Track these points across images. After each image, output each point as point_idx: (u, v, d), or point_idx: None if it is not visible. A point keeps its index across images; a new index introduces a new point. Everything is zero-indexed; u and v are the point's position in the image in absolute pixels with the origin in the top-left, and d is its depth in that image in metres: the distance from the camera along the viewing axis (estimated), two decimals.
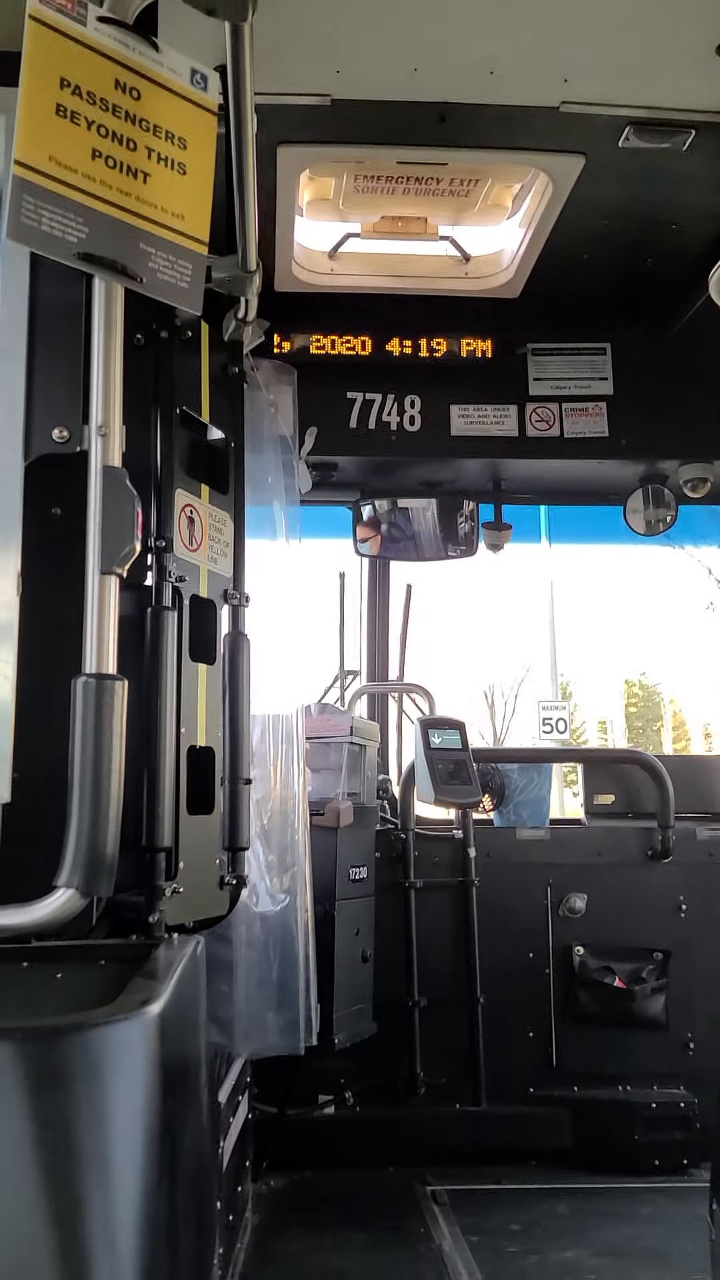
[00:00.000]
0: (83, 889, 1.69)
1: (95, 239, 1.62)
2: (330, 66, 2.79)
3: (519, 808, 4.39)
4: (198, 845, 2.43)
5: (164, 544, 2.30)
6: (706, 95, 2.83)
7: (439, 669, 29.40)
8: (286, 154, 3.12)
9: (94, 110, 1.62)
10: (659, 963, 4.09)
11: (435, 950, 4.10)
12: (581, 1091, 4.01)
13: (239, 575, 2.68)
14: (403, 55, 2.76)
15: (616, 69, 2.81)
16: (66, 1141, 1.32)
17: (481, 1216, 3.41)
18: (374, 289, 3.93)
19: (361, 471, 4.43)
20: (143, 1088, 1.45)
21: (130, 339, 2.31)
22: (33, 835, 1.88)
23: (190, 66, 1.75)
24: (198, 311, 1.86)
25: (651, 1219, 3.39)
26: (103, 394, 1.72)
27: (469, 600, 38.48)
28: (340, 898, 3.72)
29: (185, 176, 1.74)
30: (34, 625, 2.06)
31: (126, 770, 1.85)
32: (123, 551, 1.71)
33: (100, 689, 1.70)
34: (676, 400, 4.20)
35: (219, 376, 2.65)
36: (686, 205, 3.40)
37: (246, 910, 2.78)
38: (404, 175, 3.46)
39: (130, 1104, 1.43)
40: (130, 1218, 1.37)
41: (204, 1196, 2.12)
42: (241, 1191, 3.22)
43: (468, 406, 4.21)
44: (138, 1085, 1.44)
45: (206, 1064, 2.04)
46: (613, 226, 3.57)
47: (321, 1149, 3.88)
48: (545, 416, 4.21)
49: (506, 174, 3.49)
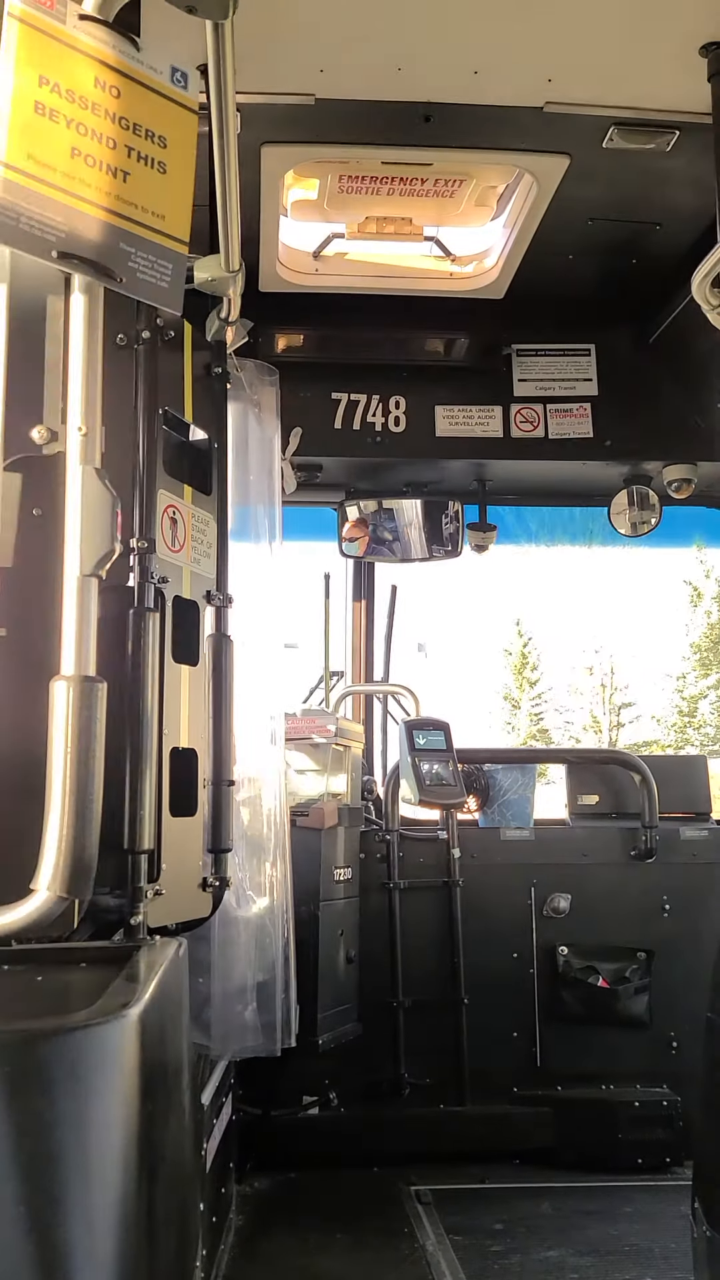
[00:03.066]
0: (62, 891, 1.68)
1: (74, 238, 1.61)
2: (314, 65, 2.79)
3: (503, 808, 4.39)
4: (180, 847, 2.42)
5: (146, 545, 2.29)
6: (690, 96, 2.84)
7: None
8: (270, 154, 3.11)
9: (73, 108, 1.61)
10: (642, 962, 4.11)
11: (420, 951, 4.10)
12: (565, 1091, 4.02)
13: (222, 576, 2.67)
14: (387, 55, 2.76)
15: (600, 70, 2.82)
16: (44, 1146, 1.31)
17: (465, 1216, 3.42)
18: (358, 290, 3.93)
19: (346, 473, 4.43)
20: (123, 1091, 1.45)
21: (112, 339, 2.30)
22: (12, 837, 1.87)
23: (171, 65, 1.74)
24: (178, 311, 1.85)
25: (634, 1217, 3.40)
26: (82, 394, 1.71)
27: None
28: (325, 899, 3.72)
29: (166, 175, 1.73)
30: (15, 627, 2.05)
31: (108, 772, 1.84)
32: (102, 553, 1.70)
33: (80, 691, 1.69)
34: (661, 401, 4.21)
35: (202, 377, 2.64)
36: (670, 205, 3.42)
37: (226, 912, 2.77)
38: (388, 175, 3.46)
39: (110, 1107, 1.42)
40: (109, 1221, 1.36)
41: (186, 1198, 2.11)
42: (225, 1193, 3.22)
43: (452, 407, 4.21)
44: (118, 1088, 1.44)
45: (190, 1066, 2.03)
46: (597, 227, 3.58)
47: (306, 1150, 3.87)
48: (530, 417, 4.22)
49: (491, 174, 3.49)
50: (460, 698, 31.69)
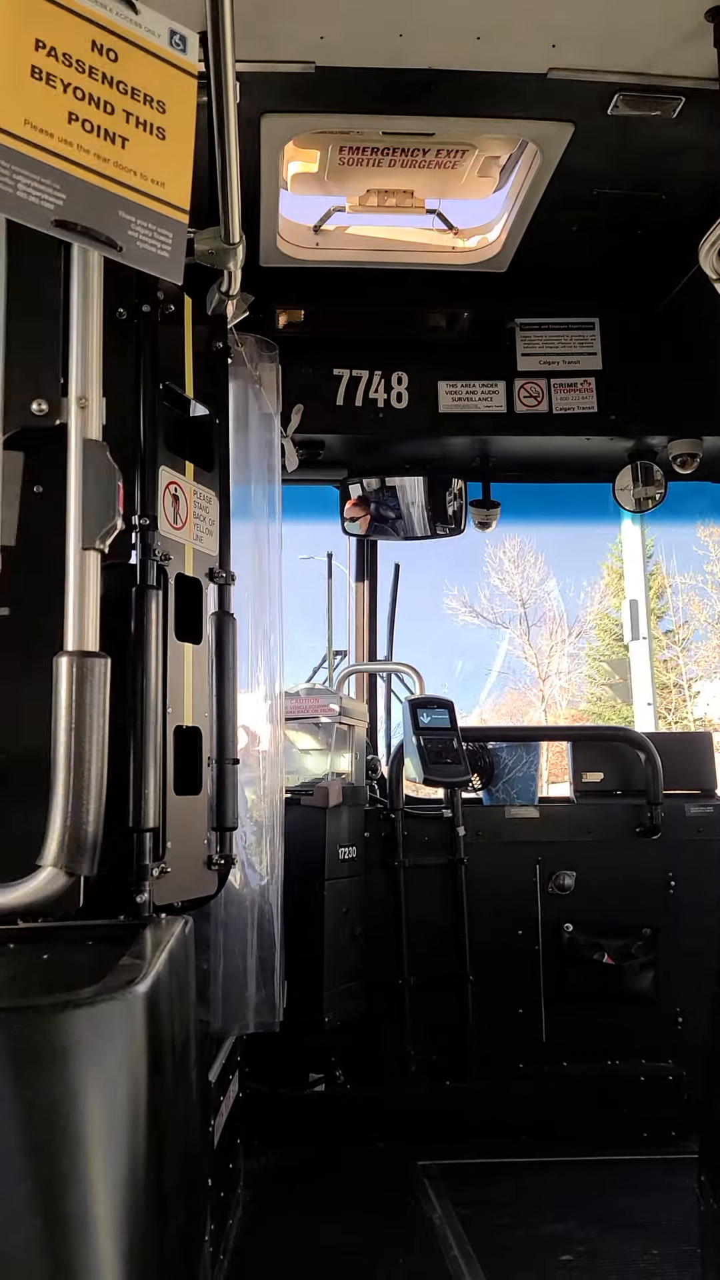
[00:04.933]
0: (66, 868, 1.67)
1: (73, 205, 1.58)
2: (315, 32, 2.74)
3: (508, 786, 4.39)
4: (185, 825, 2.41)
5: (148, 522, 2.27)
6: (696, 62, 2.79)
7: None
8: (270, 124, 3.06)
9: (70, 73, 1.57)
10: (648, 939, 4.11)
11: (425, 929, 4.11)
12: (571, 1066, 4.03)
13: (225, 554, 2.65)
14: (388, 21, 2.71)
15: (605, 35, 2.76)
16: (51, 1121, 1.31)
17: (472, 1190, 3.44)
18: (360, 264, 3.88)
19: (348, 450, 4.40)
20: (129, 1067, 1.45)
21: (112, 313, 2.28)
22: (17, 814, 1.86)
23: (169, 28, 1.70)
24: (178, 281, 1.82)
25: (640, 1190, 3.42)
26: (81, 365, 1.69)
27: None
28: (329, 877, 3.72)
29: (165, 142, 1.70)
30: (18, 603, 2.04)
31: (113, 750, 1.83)
32: (104, 527, 1.68)
33: (82, 666, 1.68)
34: (666, 375, 4.17)
35: (202, 351, 2.61)
36: (676, 174, 3.36)
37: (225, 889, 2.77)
38: (390, 147, 3.41)
39: (117, 1083, 1.42)
40: (117, 1196, 1.37)
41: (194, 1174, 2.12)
42: (233, 1168, 3.24)
43: (455, 383, 4.17)
44: (124, 1064, 1.44)
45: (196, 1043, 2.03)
46: (601, 197, 3.52)
47: (313, 1126, 3.90)
48: (534, 392, 4.18)
49: (494, 144, 3.44)
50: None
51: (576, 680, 29.43)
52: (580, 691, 29.26)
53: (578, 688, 29.27)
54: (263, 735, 3.25)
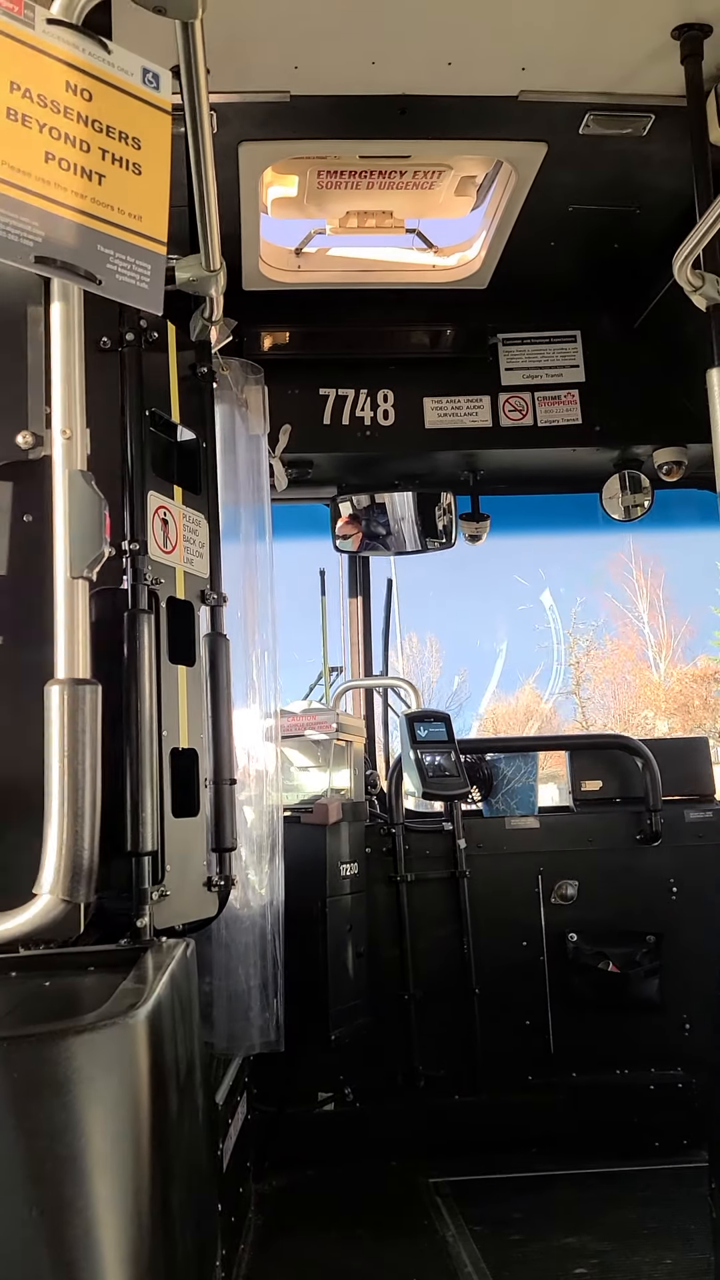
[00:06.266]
0: (64, 895, 1.68)
1: (52, 242, 1.61)
2: (288, 63, 2.78)
3: (507, 797, 4.39)
4: (184, 848, 2.42)
5: (138, 547, 2.29)
6: (664, 80, 2.83)
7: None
8: (248, 151, 3.10)
9: (45, 113, 1.60)
10: (652, 945, 4.11)
11: (429, 943, 4.10)
12: (579, 1077, 4.02)
13: (216, 575, 2.67)
14: (360, 50, 2.76)
15: (574, 57, 2.81)
16: (56, 1149, 1.31)
17: (484, 1206, 3.42)
18: (342, 285, 3.93)
19: (337, 468, 4.43)
20: (132, 1093, 1.45)
21: (96, 342, 2.31)
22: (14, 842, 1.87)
23: (141, 66, 1.74)
24: (158, 312, 1.85)
25: (653, 1201, 3.41)
26: (64, 397, 1.71)
27: None
28: (331, 894, 3.72)
29: (141, 177, 1.73)
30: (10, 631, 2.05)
31: (109, 775, 1.84)
32: (92, 555, 1.70)
33: (74, 693, 1.69)
34: (648, 384, 4.21)
35: (187, 377, 2.64)
36: (649, 189, 3.41)
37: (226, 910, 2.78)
38: (367, 169, 3.46)
39: (121, 1109, 1.42)
40: (123, 1223, 1.37)
41: (204, 1199, 2.11)
42: (244, 1192, 3.22)
43: (440, 399, 4.21)
44: (128, 1090, 1.44)
45: (202, 1066, 2.04)
46: (577, 213, 3.57)
47: (323, 1146, 3.88)
48: (518, 406, 4.22)
49: (470, 164, 3.49)
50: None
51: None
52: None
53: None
54: (260, 754, 3.26)
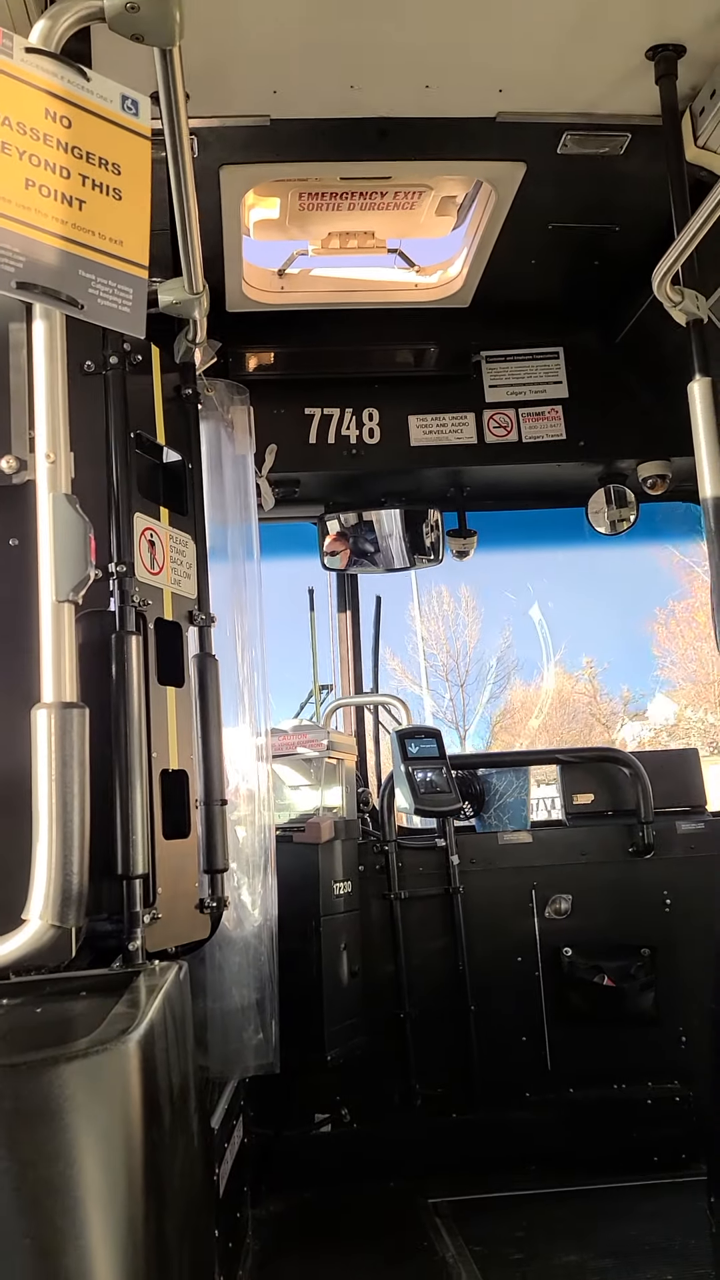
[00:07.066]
0: (53, 919, 1.67)
1: (33, 268, 1.62)
2: (267, 88, 2.81)
3: (500, 812, 4.39)
4: (175, 870, 2.41)
5: (125, 568, 2.29)
6: (639, 99, 2.88)
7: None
8: (230, 174, 3.13)
9: (25, 140, 1.62)
10: (647, 959, 4.10)
11: (424, 960, 4.09)
12: (577, 1092, 4.00)
13: (204, 596, 2.67)
14: (339, 74, 2.79)
15: (550, 78, 2.85)
16: (48, 1177, 1.30)
17: (484, 1226, 3.40)
18: (326, 305, 3.96)
19: (324, 486, 4.44)
20: (126, 1119, 1.44)
21: (80, 366, 2.32)
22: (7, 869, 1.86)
23: (120, 93, 1.75)
24: (141, 335, 1.86)
25: (653, 1216, 3.39)
26: (48, 421, 1.72)
27: None
28: (325, 913, 3.70)
29: (121, 202, 1.74)
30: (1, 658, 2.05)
31: (99, 798, 1.83)
32: (77, 579, 1.70)
33: (61, 717, 1.69)
34: (631, 399, 4.24)
35: (172, 399, 2.65)
36: (627, 206, 3.45)
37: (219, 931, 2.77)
38: (348, 191, 3.49)
39: (115, 1136, 1.41)
40: (118, 1252, 1.35)
41: (200, 1225, 2.09)
42: (241, 1217, 3.19)
43: (426, 416, 4.23)
44: (120, 1117, 1.43)
45: (197, 1090, 2.02)
46: (557, 231, 3.61)
47: (321, 1168, 3.85)
48: (503, 422, 4.25)
49: (449, 184, 3.52)
50: None
51: None
52: None
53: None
54: (251, 774, 3.25)
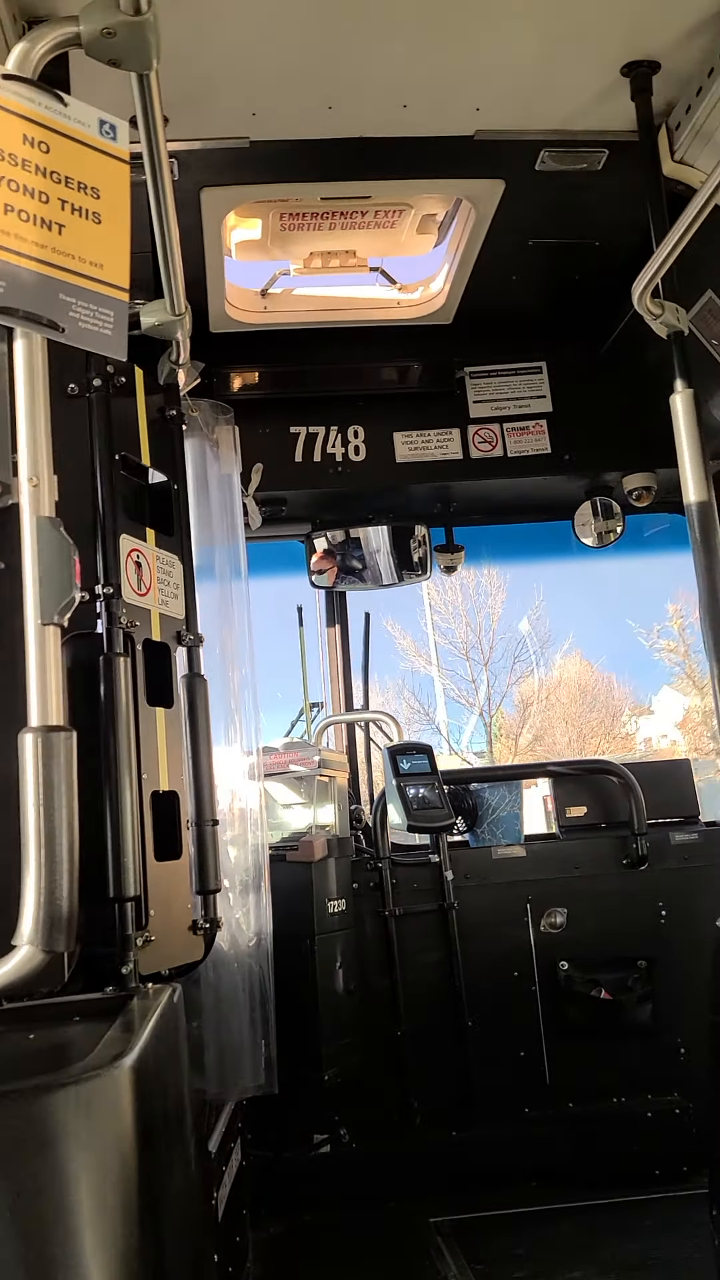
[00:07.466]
0: (42, 945, 1.66)
1: (13, 292, 1.62)
2: (246, 110, 2.83)
3: (493, 826, 4.38)
4: (168, 891, 2.40)
5: (111, 590, 2.29)
6: (615, 115, 2.91)
7: None
8: (210, 196, 3.15)
9: (3, 165, 1.62)
10: (643, 971, 4.09)
11: (420, 977, 4.07)
12: (576, 1107, 3.98)
13: (191, 616, 2.67)
14: (317, 94, 2.81)
15: (527, 96, 2.88)
16: (42, 1205, 1.28)
17: (486, 1244, 3.37)
18: (309, 324, 3.98)
19: (310, 505, 4.45)
20: (121, 1144, 1.42)
21: (64, 389, 2.32)
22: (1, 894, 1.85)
23: (98, 118, 1.77)
24: (122, 358, 1.86)
25: (655, 1230, 3.36)
26: (30, 445, 1.72)
27: None
28: (319, 932, 3.69)
29: (101, 225, 1.75)
30: None
31: (89, 821, 1.82)
32: (63, 601, 1.70)
33: (48, 741, 1.68)
34: (615, 412, 4.27)
35: (156, 420, 2.66)
36: (606, 221, 3.48)
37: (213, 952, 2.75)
38: (329, 210, 3.51)
39: (110, 1163, 1.40)
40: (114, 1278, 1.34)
41: (199, 1250, 2.07)
42: (240, 1241, 3.16)
43: (411, 433, 4.25)
44: (115, 1143, 1.41)
45: (193, 1113, 2.00)
46: (538, 247, 3.64)
47: (320, 1189, 3.82)
48: (488, 437, 4.27)
49: (430, 202, 3.55)
50: None
51: None
52: None
53: None
54: (243, 793, 3.25)
